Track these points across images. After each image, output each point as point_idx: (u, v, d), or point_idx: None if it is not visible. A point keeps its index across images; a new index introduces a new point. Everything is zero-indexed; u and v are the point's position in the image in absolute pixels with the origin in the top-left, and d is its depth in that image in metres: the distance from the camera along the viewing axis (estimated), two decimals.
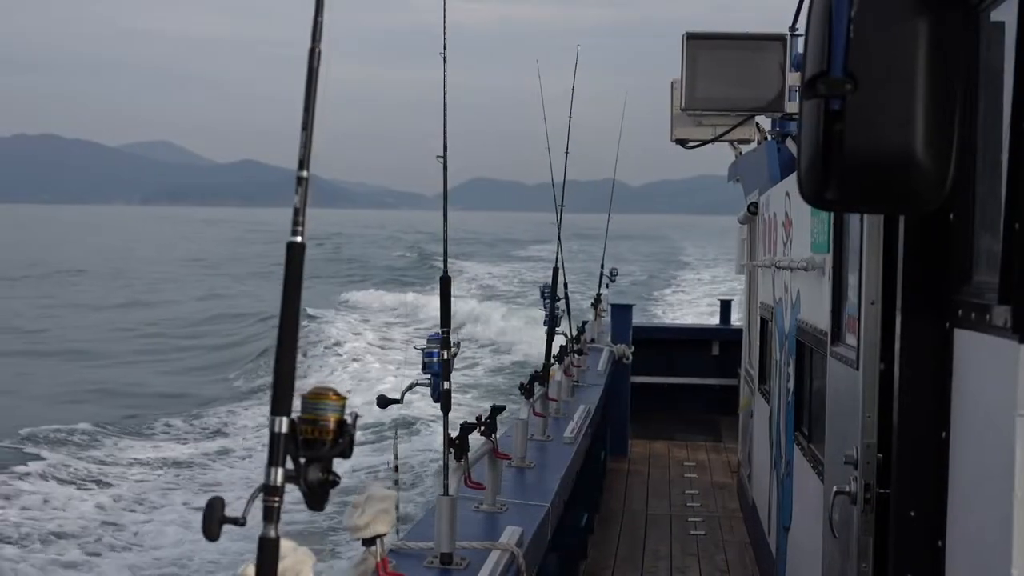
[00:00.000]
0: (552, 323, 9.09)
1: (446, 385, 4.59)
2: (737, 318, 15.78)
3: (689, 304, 43.44)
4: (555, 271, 9.35)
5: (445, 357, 4.59)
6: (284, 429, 2.23)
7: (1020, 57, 2.57)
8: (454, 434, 4.96)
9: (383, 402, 4.68)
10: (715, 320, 17.84)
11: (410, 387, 4.69)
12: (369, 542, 3.64)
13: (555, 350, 9.17)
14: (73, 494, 16.02)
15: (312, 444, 2.30)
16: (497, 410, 5.94)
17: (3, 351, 32.25)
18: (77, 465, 17.63)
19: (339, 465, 2.34)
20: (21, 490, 15.85)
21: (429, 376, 4.61)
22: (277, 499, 2.22)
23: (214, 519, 2.19)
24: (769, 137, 10.13)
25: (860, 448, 3.74)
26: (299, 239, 2.27)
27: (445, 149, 4.87)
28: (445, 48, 4.91)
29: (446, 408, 4.64)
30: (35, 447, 18.49)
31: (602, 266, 14.93)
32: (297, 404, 2.31)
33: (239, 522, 2.19)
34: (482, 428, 5.73)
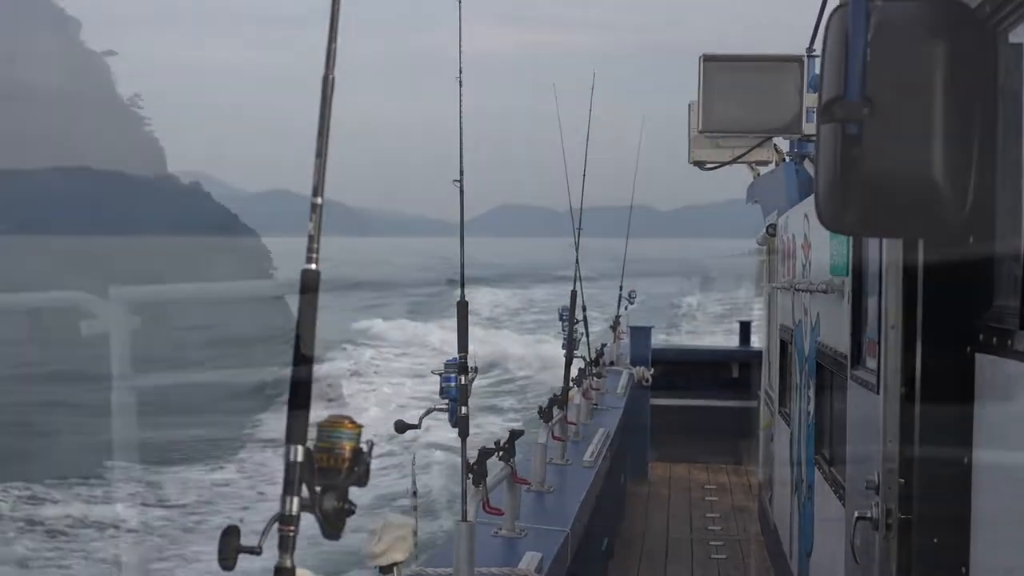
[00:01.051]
0: (570, 346, 9.03)
1: (464, 410, 4.58)
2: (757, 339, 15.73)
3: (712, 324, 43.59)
4: (573, 294, 9.32)
5: (463, 382, 4.58)
6: (299, 458, 2.22)
7: None
8: (472, 459, 4.94)
9: (401, 427, 4.66)
10: (735, 341, 17.78)
11: (428, 412, 4.67)
12: (386, 570, 3.61)
13: (574, 373, 9.13)
14: None
15: (328, 472, 2.28)
16: (516, 434, 5.92)
17: None
18: None
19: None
20: None
21: (447, 401, 4.60)
22: (292, 528, 2.20)
23: (230, 548, 2.17)
24: (787, 158, 10.11)
25: (881, 473, 3.70)
26: (313, 266, 2.26)
27: (462, 173, 4.88)
28: (461, 72, 4.92)
29: (464, 433, 4.62)
30: None
31: (620, 288, 14.92)
32: (313, 433, 2.29)
33: (255, 551, 2.18)
34: (500, 453, 5.71)
